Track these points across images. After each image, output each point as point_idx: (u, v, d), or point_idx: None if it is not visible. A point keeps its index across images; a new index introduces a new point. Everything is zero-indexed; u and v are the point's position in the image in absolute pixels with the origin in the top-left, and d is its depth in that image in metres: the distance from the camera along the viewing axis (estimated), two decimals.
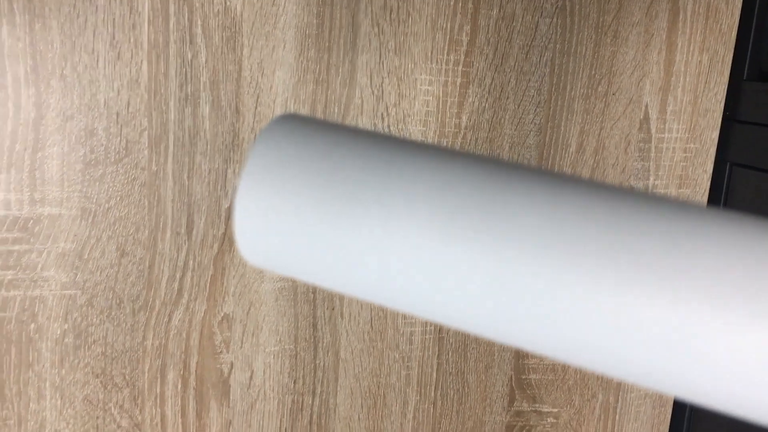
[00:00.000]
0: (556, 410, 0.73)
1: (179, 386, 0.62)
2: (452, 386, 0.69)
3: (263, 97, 0.59)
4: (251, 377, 0.64)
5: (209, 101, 0.58)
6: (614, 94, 0.67)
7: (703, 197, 0.72)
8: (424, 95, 0.63)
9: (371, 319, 0.66)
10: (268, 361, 0.64)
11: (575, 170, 0.68)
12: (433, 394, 0.69)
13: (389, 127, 0.63)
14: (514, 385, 0.71)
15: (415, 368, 0.68)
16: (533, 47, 0.65)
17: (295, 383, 0.65)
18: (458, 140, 0.65)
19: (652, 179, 0.70)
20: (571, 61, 0.66)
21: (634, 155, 0.69)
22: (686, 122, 0.69)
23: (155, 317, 0.60)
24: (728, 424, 0.73)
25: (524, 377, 0.71)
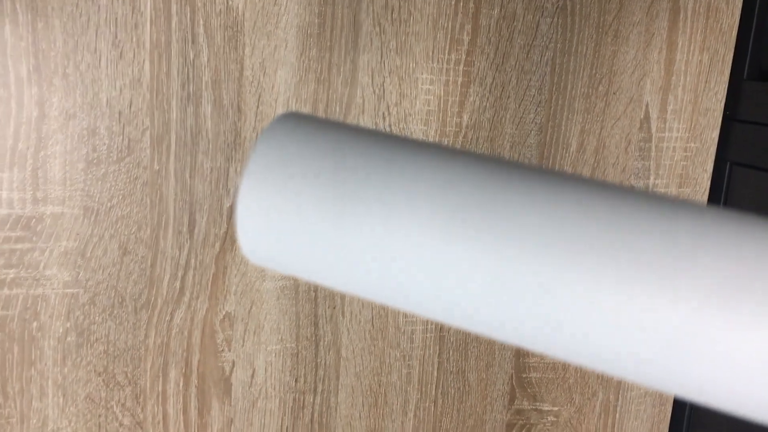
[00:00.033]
0: (556, 408, 0.73)
1: (181, 384, 0.62)
2: (453, 385, 0.69)
3: (265, 96, 0.60)
4: (253, 375, 0.64)
5: (211, 100, 0.58)
6: (615, 93, 0.68)
7: (703, 196, 0.72)
8: (425, 94, 0.63)
9: (372, 317, 0.66)
10: (269, 359, 0.64)
11: (576, 169, 0.68)
12: (433, 392, 0.69)
13: (390, 126, 0.63)
14: (514, 383, 0.71)
15: (416, 367, 0.68)
16: (534, 47, 0.65)
17: (296, 381, 0.65)
18: (459, 139, 0.65)
19: (652, 178, 0.70)
20: (571, 60, 0.66)
21: (634, 154, 0.69)
22: (686, 121, 0.70)
23: (157, 316, 0.60)
24: (728, 422, 0.73)
25: (525, 376, 0.71)
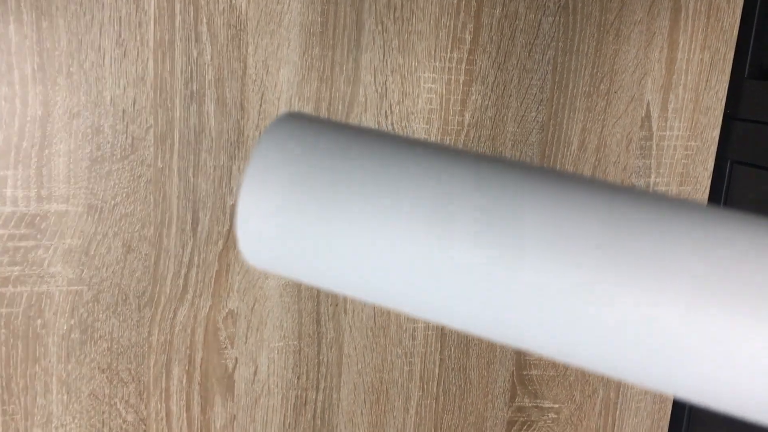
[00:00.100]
0: (557, 406, 0.73)
1: (184, 381, 0.62)
2: (454, 382, 0.70)
3: (268, 94, 0.60)
4: (255, 372, 0.64)
5: (214, 99, 0.59)
6: (616, 92, 0.68)
7: (703, 195, 0.72)
8: (427, 93, 0.63)
9: (374, 315, 0.66)
10: (272, 356, 0.64)
11: (577, 168, 0.68)
12: (435, 389, 0.69)
13: (393, 124, 0.63)
14: (515, 380, 0.71)
15: (417, 364, 0.68)
16: (536, 45, 0.65)
17: (298, 378, 0.66)
18: (461, 138, 0.65)
19: (653, 177, 0.70)
20: (573, 59, 0.66)
21: (635, 153, 0.69)
22: (687, 120, 0.70)
23: (160, 313, 0.61)
24: (728, 420, 0.73)
25: (525, 373, 0.71)
